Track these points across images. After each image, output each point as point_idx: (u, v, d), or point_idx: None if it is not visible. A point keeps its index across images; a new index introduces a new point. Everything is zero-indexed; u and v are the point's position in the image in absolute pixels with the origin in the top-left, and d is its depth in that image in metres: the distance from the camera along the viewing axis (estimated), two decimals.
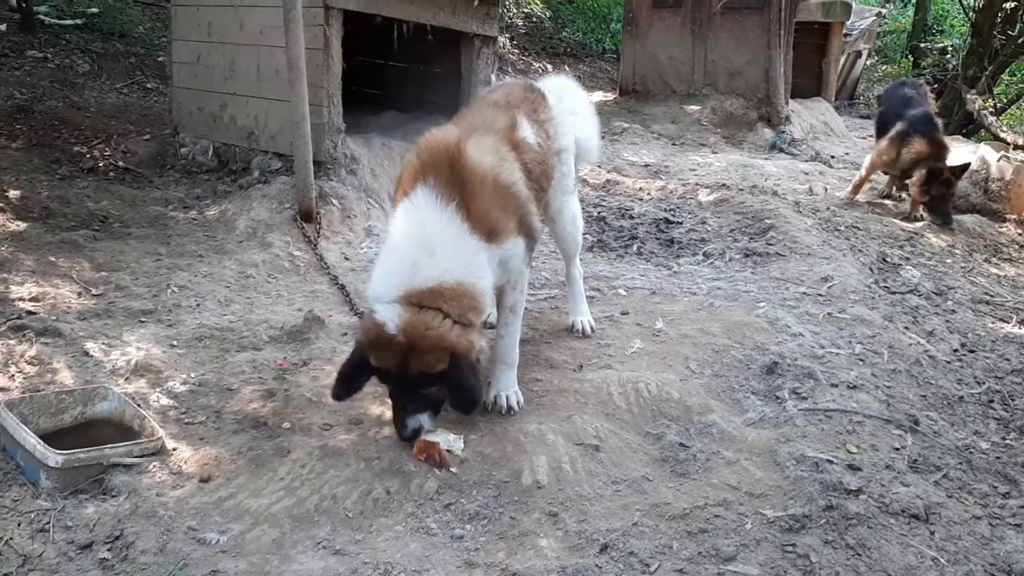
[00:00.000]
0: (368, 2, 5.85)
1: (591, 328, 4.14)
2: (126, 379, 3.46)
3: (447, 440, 3.00)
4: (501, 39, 14.59)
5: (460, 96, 6.94)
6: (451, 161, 3.00)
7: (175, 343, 3.83)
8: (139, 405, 3.15)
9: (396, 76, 7.76)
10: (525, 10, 16.14)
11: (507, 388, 3.32)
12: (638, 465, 3.03)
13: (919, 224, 6.61)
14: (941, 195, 6.61)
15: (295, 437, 3.08)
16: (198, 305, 4.33)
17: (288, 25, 5.13)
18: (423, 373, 2.86)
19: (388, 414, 3.25)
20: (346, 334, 4.02)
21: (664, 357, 3.85)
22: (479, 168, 3.02)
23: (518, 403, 3.30)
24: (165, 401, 3.31)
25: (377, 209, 5.95)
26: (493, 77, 6.80)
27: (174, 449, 2.97)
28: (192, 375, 3.52)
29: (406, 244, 2.96)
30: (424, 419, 2.96)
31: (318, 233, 5.36)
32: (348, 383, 3.00)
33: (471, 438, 3.06)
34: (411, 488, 2.80)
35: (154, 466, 2.85)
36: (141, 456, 2.88)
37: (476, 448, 3.01)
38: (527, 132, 3.42)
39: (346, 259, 5.26)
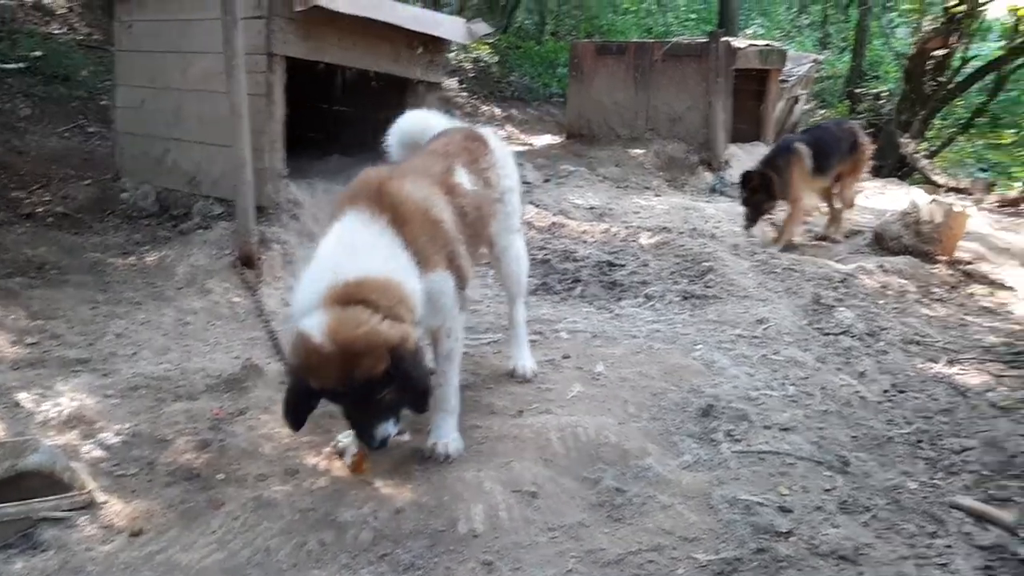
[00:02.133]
0: (310, 49, 5.91)
1: (532, 372, 4.16)
2: (58, 431, 3.41)
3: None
4: (450, 82, 14.75)
5: None
6: (382, 190, 3.01)
7: (109, 393, 3.77)
8: (70, 457, 3.10)
9: (341, 121, 7.81)
10: (472, 55, 16.34)
11: (446, 435, 3.30)
12: (575, 511, 3.05)
13: (852, 267, 6.78)
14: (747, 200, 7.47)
15: (229, 489, 3.05)
16: (134, 353, 4.28)
17: (231, 72, 5.16)
18: (368, 380, 2.69)
19: (323, 464, 3.24)
20: (283, 382, 3.99)
21: (603, 401, 3.89)
22: (410, 198, 3.04)
23: (457, 450, 3.28)
24: (97, 453, 3.26)
25: None
26: None
27: (104, 502, 2.93)
28: (126, 426, 3.47)
29: (328, 252, 2.92)
30: (390, 427, 2.83)
31: (259, 279, 5.34)
32: (297, 413, 2.85)
33: (407, 486, 3.06)
34: (346, 539, 2.79)
35: (84, 520, 2.81)
36: (71, 510, 2.84)
37: (412, 497, 3.00)
38: (463, 178, 3.47)
39: (287, 305, 5.23)
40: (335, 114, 7.85)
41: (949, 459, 3.73)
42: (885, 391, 4.37)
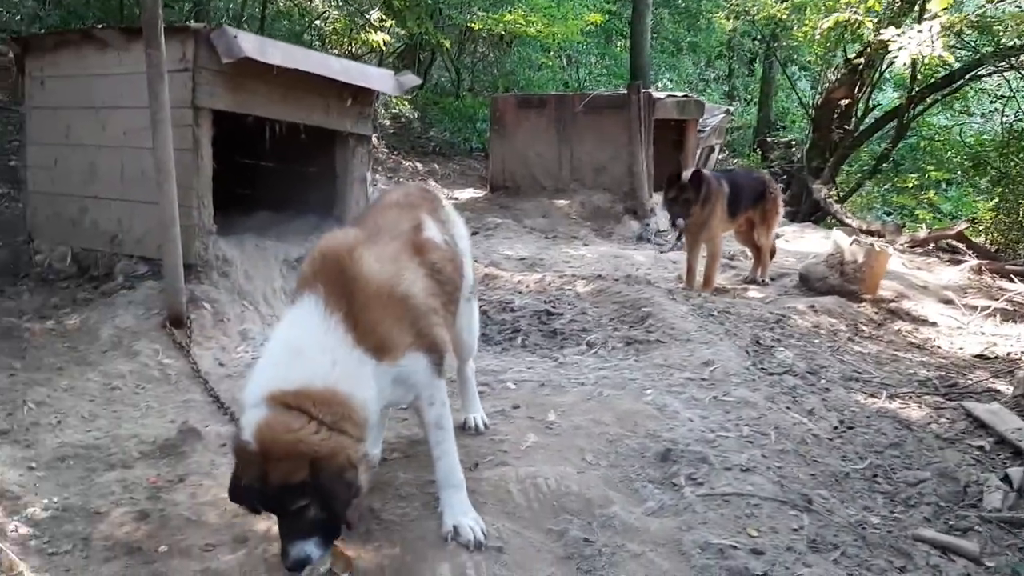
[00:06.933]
0: (238, 103, 5.76)
1: (484, 424, 4.04)
2: None
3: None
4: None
5: (335, 195, 6.89)
6: (343, 269, 2.81)
7: (34, 465, 3.51)
8: None
9: (269, 175, 7.63)
10: (392, 111, 16.35)
11: (464, 514, 3.01)
12: (543, 565, 2.93)
13: (784, 308, 6.89)
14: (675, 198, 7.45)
15: (173, 562, 2.84)
16: (59, 422, 4.01)
17: (156, 126, 4.97)
18: (284, 485, 2.48)
19: (275, 529, 3.05)
20: (224, 444, 3.78)
21: (560, 450, 3.79)
22: (374, 279, 2.83)
23: (482, 531, 2.96)
24: (24, 530, 3.00)
25: (252, 312, 5.74)
26: (368, 175, 6.79)
27: None
28: (54, 499, 3.21)
29: (278, 346, 2.76)
30: (310, 548, 2.52)
31: (189, 339, 5.10)
32: (235, 498, 2.65)
33: (368, 547, 2.89)
34: None
35: None
36: None
37: (374, 559, 2.84)
38: (432, 232, 3.29)
39: (220, 365, 5.01)
40: (263, 168, 7.67)
41: (906, 492, 3.75)
42: (835, 427, 4.40)
